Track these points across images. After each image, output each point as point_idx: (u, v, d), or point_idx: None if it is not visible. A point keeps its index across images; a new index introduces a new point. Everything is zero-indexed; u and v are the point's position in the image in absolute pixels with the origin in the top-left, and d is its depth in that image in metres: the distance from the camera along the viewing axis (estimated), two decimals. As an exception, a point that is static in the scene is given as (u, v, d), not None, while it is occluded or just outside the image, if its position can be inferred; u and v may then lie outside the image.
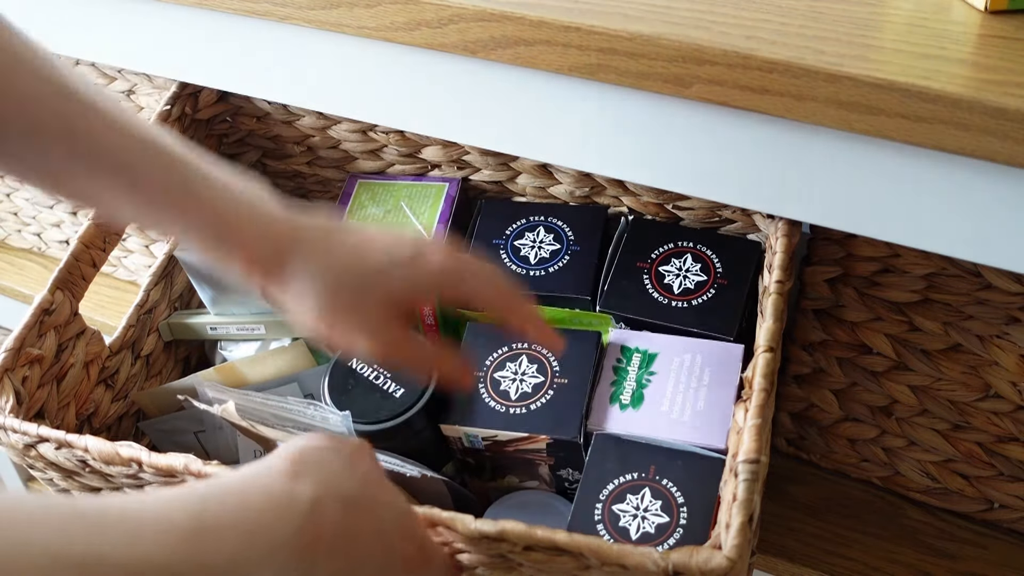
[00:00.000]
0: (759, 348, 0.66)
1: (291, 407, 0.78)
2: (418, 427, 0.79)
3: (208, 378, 0.83)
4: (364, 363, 0.81)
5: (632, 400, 0.77)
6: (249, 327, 0.88)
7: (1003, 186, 0.56)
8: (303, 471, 0.53)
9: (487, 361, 0.81)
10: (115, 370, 0.84)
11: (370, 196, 0.91)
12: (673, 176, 0.68)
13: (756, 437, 0.61)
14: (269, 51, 0.77)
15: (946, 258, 0.71)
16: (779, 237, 0.71)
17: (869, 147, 0.58)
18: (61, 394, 0.78)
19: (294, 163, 0.97)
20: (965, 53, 0.55)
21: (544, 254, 0.86)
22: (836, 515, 0.88)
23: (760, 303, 0.77)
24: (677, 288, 0.82)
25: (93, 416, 0.82)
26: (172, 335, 0.90)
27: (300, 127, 0.93)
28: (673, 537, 0.69)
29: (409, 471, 0.74)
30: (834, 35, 0.58)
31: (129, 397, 0.86)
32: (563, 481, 0.82)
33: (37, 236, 1.22)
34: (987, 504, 0.84)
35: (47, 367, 0.76)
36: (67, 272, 0.78)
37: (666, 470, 0.72)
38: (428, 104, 0.74)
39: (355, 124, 0.91)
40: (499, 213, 0.90)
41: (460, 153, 0.90)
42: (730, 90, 0.59)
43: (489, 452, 0.80)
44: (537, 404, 0.78)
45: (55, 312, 0.77)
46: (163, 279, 0.89)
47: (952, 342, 0.76)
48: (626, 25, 0.61)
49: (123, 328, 0.85)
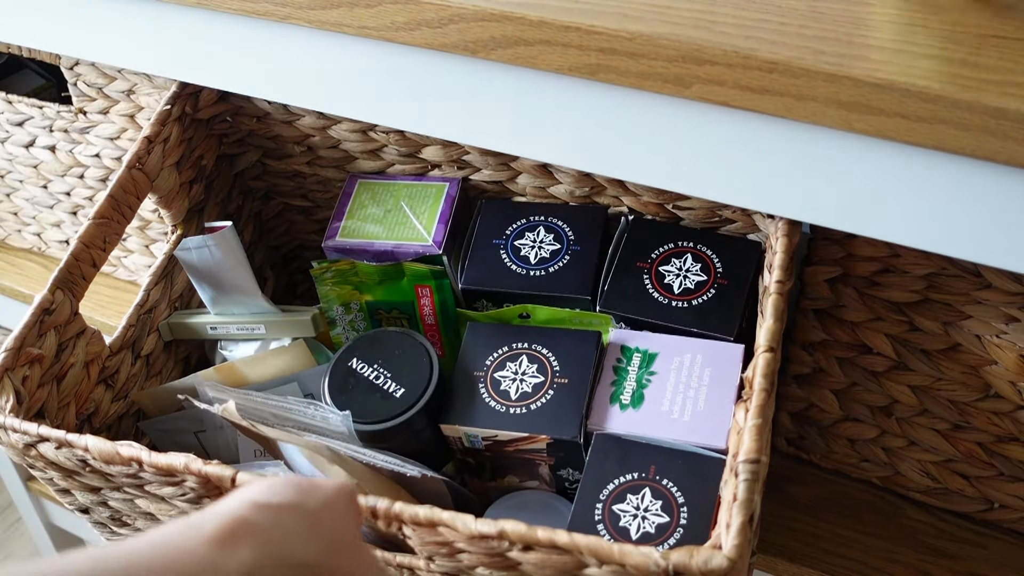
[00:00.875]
0: (759, 348, 0.66)
1: (291, 407, 0.78)
2: (418, 427, 0.79)
3: (208, 378, 0.83)
4: (364, 362, 0.81)
5: (632, 400, 0.77)
6: (249, 327, 0.88)
7: (1003, 186, 0.56)
8: (242, 534, 0.45)
9: (487, 361, 0.81)
10: (115, 370, 0.84)
11: (370, 196, 0.91)
12: (673, 176, 0.68)
13: (756, 437, 0.61)
14: (269, 51, 0.77)
15: (946, 258, 0.71)
16: (779, 237, 0.71)
17: (869, 147, 0.58)
18: (61, 394, 0.78)
19: (294, 163, 0.97)
20: (965, 53, 0.55)
21: (544, 254, 0.86)
22: (836, 515, 0.88)
23: (760, 303, 0.77)
24: (677, 288, 0.82)
25: (93, 416, 0.82)
26: (172, 335, 0.90)
27: (300, 127, 0.93)
28: (673, 537, 0.70)
29: (409, 471, 0.74)
30: (834, 35, 0.57)
31: (129, 397, 0.86)
32: (563, 481, 0.82)
33: (37, 236, 1.22)
34: (987, 504, 0.83)
35: (47, 367, 0.76)
36: (67, 272, 0.78)
37: (666, 470, 0.72)
38: (428, 104, 0.74)
39: (355, 124, 0.91)
40: (499, 213, 0.90)
41: (460, 153, 0.90)
42: (730, 90, 0.59)
43: (489, 452, 0.80)
44: (537, 404, 0.78)
45: (55, 312, 0.77)
46: (163, 279, 0.89)
47: (952, 342, 0.76)
48: (626, 25, 0.60)
49: (123, 328, 0.85)
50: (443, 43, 0.67)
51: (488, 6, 0.64)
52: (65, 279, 0.78)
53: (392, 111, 0.77)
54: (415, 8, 0.66)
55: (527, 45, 0.64)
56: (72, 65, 1.00)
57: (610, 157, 0.70)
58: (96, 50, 0.86)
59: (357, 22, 0.69)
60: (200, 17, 0.78)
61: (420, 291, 0.87)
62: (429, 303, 0.87)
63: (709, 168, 0.66)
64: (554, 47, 0.63)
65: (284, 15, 0.72)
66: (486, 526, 0.60)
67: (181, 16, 0.78)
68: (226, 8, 0.74)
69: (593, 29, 0.61)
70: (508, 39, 0.64)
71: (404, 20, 0.67)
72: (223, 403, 0.74)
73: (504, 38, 0.64)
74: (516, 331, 0.82)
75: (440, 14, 0.66)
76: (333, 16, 0.70)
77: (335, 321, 0.90)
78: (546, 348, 0.81)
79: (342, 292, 0.89)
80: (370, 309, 0.90)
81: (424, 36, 0.67)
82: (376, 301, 0.89)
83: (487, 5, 0.64)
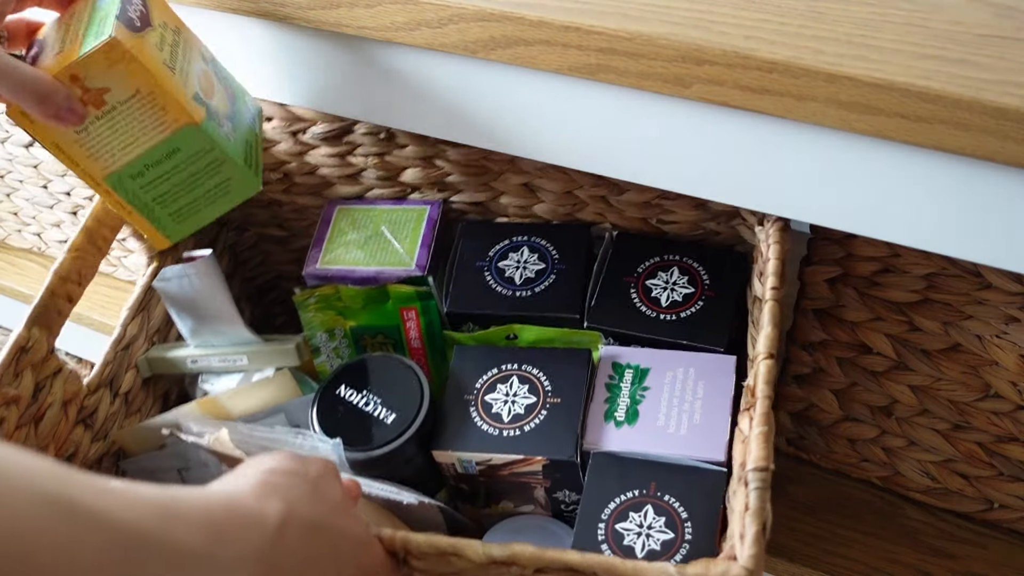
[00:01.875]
0: (760, 355, 0.66)
1: (279, 437, 0.77)
2: (410, 454, 0.78)
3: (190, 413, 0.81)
4: (353, 389, 0.80)
5: (627, 417, 0.76)
6: (231, 358, 0.86)
7: (1003, 186, 0.57)
8: (272, 492, 0.53)
9: (477, 384, 0.80)
10: (93, 409, 0.81)
11: (350, 222, 0.90)
12: (673, 176, 0.68)
13: (764, 444, 0.61)
14: (269, 51, 0.76)
15: (946, 258, 0.71)
16: (771, 244, 0.71)
17: (869, 147, 0.58)
18: (40, 436, 0.75)
19: (269, 191, 0.95)
20: (965, 53, 0.55)
21: (530, 274, 0.85)
22: (836, 515, 0.88)
23: (751, 313, 0.77)
24: (665, 301, 0.82)
25: (73, 457, 0.79)
26: (151, 370, 0.87)
27: (275, 153, 0.92)
28: (680, 553, 0.69)
29: (406, 498, 0.72)
30: (834, 35, 0.58)
31: (109, 436, 0.83)
32: (559, 504, 0.81)
33: (37, 236, 1.23)
34: (987, 504, 0.84)
35: (24, 408, 0.74)
36: (43, 308, 0.75)
37: (667, 486, 0.72)
38: (428, 104, 0.73)
39: (333, 148, 0.90)
40: (481, 234, 0.89)
41: (440, 175, 0.89)
42: (730, 90, 0.59)
43: (483, 477, 0.79)
44: (531, 425, 0.76)
45: (32, 350, 0.74)
46: (140, 312, 0.86)
47: (952, 342, 0.76)
48: (626, 25, 0.60)
49: (100, 365, 0.83)
50: (443, 43, 0.67)
51: (488, 6, 0.64)
52: (41, 316, 0.75)
53: (392, 111, 0.76)
54: (415, 8, 0.66)
55: (527, 45, 0.64)
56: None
57: (609, 158, 0.70)
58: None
59: (357, 22, 0.69)
60: (200, 17, 0.77)
61: (406, 314, 0.85)
62: (415, 326, 0.86)
63: (709, 168, 0.66)
64: (554, 47, 0.63)
65: (284, 15, 0.72)
66: (496, 550, 0.58)
67: (181, 16, 0.77)
68: (226, 8, 0.74)
69: (593, 29, 0.61)
70: (508, 39, 0.64)
71: (404, 20, 0.67)
72: (212, 434, 0.72)
73: (504, 38, 0.64)
74: (505, 352, 0.81)
75: (440, 14, 0.65)
76: (333, 16, 0.70)
77: (319, 349, 0.89)
78: (536, 368, 0.80)
79: (326, 318, 0.87)
80: (355, 335, 0.88)
81: (424, 36, 0.67)
82: (361, 326, 0.87)
83: (487, 5, 0.64)
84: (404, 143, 0.88)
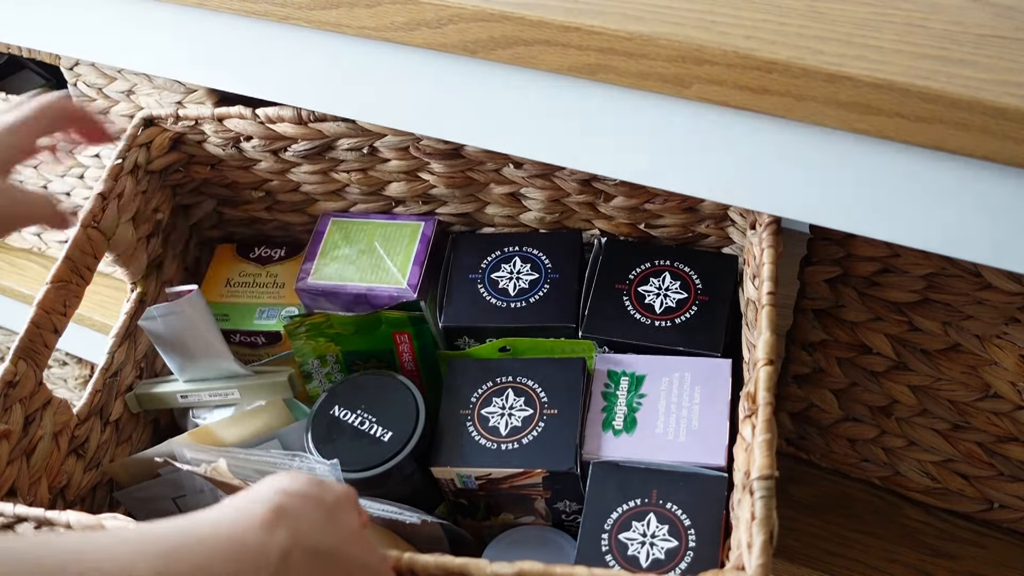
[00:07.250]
0: (760, 361, 0.65)
1: (275, 461, 0.75)
2: (408, 471, 0.77)
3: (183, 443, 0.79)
4: (347, 409, 0.79)
5: (625, 425, 0.76)
6: (222, 392, 0.85)
7: (1003, 186, 0.56)
8: (280, 519, 0.52)
9: (472, 399, 0.79)
10: (84, 439, 0.80)
11: (343, 236, 0.88)
12: (672, 177, 0.68)
13: (768, 452, 0.60)
14: (269, 51, 0.76)
15: (946, 258, 0.71)
16: (765, 248, 0.71)
17: (869, 147, 0.58)
18: (32, 468, 0.74)
19: (252, 209, 0.94)
20: (965, 53, 0.55)
21: (523, 285, 0.85)
22: (836, 515, 0.88)
23: (744, 315, 0.76)
24: (659, 307, 0.81)
25: (66, 488, 0.78)
26: (140, 406, 0.86)
27: (257, 172, 0.91)
28: (684, 561, 0.68)
29: (408, 518, 0.72)
30: (834, 35, 0.57)
31: (101, 468, 0.82)
32: (560, 514, 0.80)
33: (37, 236, 1.23)
34: (987, 504, 0.84)
35: (15, 442, 0.72)
36: (28, 341, 0.74)
37: (669, 493, 0.71)
38: (428, 104, 0.73)
39: (315, 165, 0.88)
40: (472, 247, 0.88)
41: (425, 187, 0.88)
42: (730, 90, 0.59)
43: (483, 491, 0.78)
44: (529, 437, 0.76)
45: (19, 384, 0.73)
46: (127, 339, 0.85)
47: (952, 342, 0.76)
48: (626, 25, 0.60)
49: (89, 394, 0.81)
50: (443, 43, 0.66)
51: (488, 6, 0.63)
52: (27, 349, 0.74)
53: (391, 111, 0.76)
54: (415, 8, 0.65)
55: (527, 45, 0.63)
56: (72, 65, 1.00)
57: (609, 158, 0.69)
58: (96, 50, 0.85)
59: (357, 22, 0.68)
60: (200, 17, 0.76)
61: (398, 338, 0.84)
62: (408, 349, 0.85)
63: (709, 168, 0.66)
64: (554, 47, 0.63)
65: (284, 15, 0.71)
66: (503, 568, 0.58)
67: (181, 16, 0.77)
68: (226, 8, 0.73)
69: (593, 29, 0.60)
70: (508, 39, 0.64)
71: (404, 20, 0.66)
72: (209, 463, 0.70)
73: (504, 38, 0.64)
74: (498, 365, 0.80)
75: (439, 14, 0.65)
76: (333, 16, 0.69)
77: (311, 375, 0.87)
78: (531, 380, 0.79)
79: (317, 345, 0.85)
80: (347, 360, 0.86)
81: (424, 36, 0.66)
82: (353, 351, 0.86)
83: (487, 5, 0.63)
84: (387, 157, 0.87)
